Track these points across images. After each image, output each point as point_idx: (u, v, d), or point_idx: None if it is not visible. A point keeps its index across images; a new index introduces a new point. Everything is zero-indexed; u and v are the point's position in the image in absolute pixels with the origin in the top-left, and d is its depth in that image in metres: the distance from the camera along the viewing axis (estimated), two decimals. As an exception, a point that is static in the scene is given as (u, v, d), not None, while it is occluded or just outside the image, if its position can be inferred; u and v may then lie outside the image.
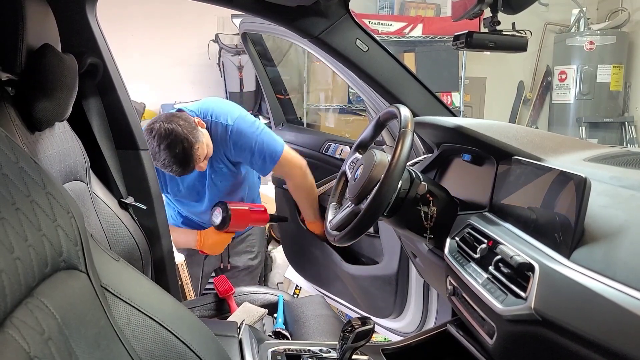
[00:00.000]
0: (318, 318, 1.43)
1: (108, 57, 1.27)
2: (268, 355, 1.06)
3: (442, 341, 1.03)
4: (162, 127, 1.42)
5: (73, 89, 1.01)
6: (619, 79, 3.50)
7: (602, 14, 3.72)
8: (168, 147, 1.41)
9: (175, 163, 1.43)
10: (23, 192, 0.51)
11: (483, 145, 0.93)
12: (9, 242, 0.45)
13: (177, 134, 1.42)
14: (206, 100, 1.66)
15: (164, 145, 1.41)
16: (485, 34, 1.02)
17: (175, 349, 0.65)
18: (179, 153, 1.42)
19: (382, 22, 3.35)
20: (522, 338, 0.65)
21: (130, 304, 0.62)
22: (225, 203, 1.62)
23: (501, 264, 0.72)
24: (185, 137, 1.42)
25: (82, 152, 1.14)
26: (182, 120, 1.45)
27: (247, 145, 1.58)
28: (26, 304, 0.46)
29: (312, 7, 1.18)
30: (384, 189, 0.89)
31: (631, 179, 0.71)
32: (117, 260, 0.68)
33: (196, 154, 1.45)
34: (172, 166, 1.44)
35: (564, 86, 3.62)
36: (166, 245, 1.43)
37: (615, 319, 0.51)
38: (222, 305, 1.53)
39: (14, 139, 0.57)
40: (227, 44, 3.60)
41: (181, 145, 1.41)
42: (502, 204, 0.85)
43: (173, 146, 1.41)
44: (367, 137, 1.14)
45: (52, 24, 1.01)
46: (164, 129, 1.42)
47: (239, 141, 1.58)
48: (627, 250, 0.57)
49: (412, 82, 1.30)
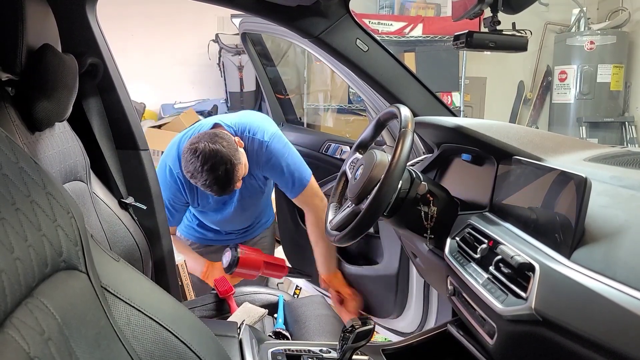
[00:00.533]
0: (318, 318, 1.43)
1: (108, 57, 1.27)
2: (268, 355, 1.06)
3: (442, 341, 1.03)
4: (207, 148, 1.41)
5: (73, 89, 1.01)
6: (619, 78, 3.50)
7: (602, 14, 3.72)
8: (212, 169, 1.40)
9: (216, 184, 1.42)
10: (23, 192, 0.51)
11: (483, 145, 0.93)
12: (9, 242, 0.45)
13: (222, 156, 1.41)
14: (244, 115, 1.66)
15: (207, 166, 1.40)
16: (486, 33, 1.02)
17: (175, 349, 0.65)
18: (221, 175, 1.41)
19: (383, 22, 3.35)
20: (523, 338, 0.65)
21: (130, 304, 0.62)
22: (237, 246, 1.58)
23: (501, 264, 0.72)
24: (229, 159, 1.42)
25: (82, 152, 1.14)
26: (225, 142, 1.44)
27: (279, 164, 1.61)
28: (26, 304, 0.46)
29: (312, 7, 1.18)
30: (384, 189, 0.89)
31: (631, 178, 0.71)
32: (117, 261, 0.68)
33: (236, 176, 1.46)
34: (212, 187, 1.43)
35: (564, 86, 3.62)
36: (166, 246, 1.43)
37: (615, 319, 0.51)
38: (222, 305, 1.53)
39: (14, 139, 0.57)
40: (227, 44, 3.61)
41: (224, 167, 1.41)
42: (502, 204, 0.85)
43: (216, 168, 1.40)
44: (367, 137, 1.14)
45: (52, 24, 1.01)
46: (208, 150, 1.40)
47: (272, 159, 1.60)
48: (628, 250, 0.57)
49: (412, 82, 1.30)
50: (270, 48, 2.31)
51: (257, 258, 1.59)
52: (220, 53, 3.67)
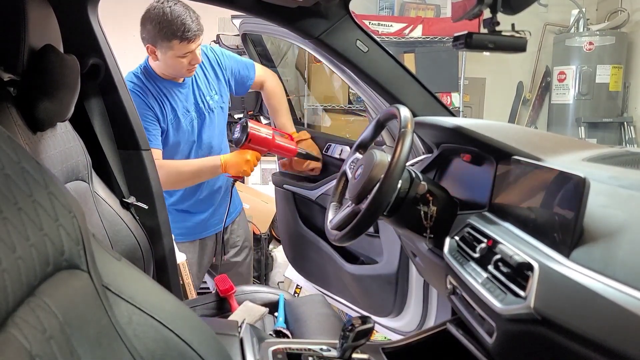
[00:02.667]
0: (318, 317, 1.43)
1: (110, 57, 1.28)
2: (269, 354, 1.06)
3: (441, 340, 1.03)
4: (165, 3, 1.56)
5: (75, 89, 1.02)
6: (618, 79, 3.50)
7: (601, 15, 3.72)
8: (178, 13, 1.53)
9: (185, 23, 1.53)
10: (25, 191, 0.51)
11: (482, 145, 0.94)
12: (11, 241, 0.45)
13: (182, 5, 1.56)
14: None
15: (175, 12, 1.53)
16: (485, 34, 1.02)
17: (176, 348, 0.65)
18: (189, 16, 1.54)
19: (382, 23, 3.35)
20: (522, 337, 0.65)
21: (131, 303, 0.63)
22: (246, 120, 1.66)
23: (501, 264, 0.72)
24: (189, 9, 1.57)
25: (84, 152, 1.15)
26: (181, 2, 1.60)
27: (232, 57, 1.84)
28: (28, 303, 0.46)
29: (312, 8, 1.19)
30: (384, 188, 0.89)
31: (630, 178, 0.72)
32: (118, 260, 0.68)
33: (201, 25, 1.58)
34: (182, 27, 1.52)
35: (563, 86, 3.62)
36: (168, 245, 1.44)
37: (614, 318, 0.52)
38: (223, 304, 1.53)
39: (16, 139, 0.57)
40: (228, 45, 3.60)
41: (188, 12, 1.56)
42: (501, 204, 0.85)
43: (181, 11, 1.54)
44: (367, 137, 1.15)
45: (54, 25, 1.02)
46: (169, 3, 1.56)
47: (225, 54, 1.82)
48: (626, 250, 0.57)
49: (412, 83, 1.30)
50: (270, 49, 2.32)
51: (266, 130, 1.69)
52: (221, 53, 3.67)
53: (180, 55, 1.57)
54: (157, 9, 1.54)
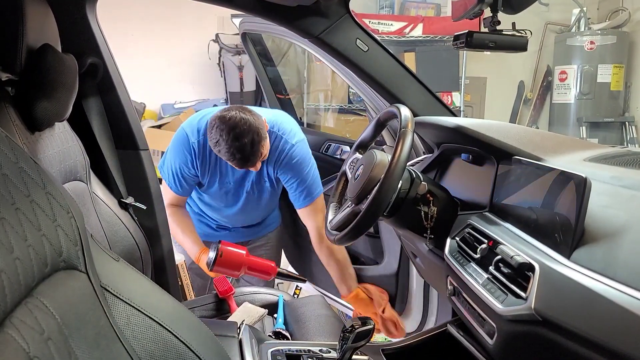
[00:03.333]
0: (318, 318, 1.43)
1: (108, 57, 1.27)
2: (268, 355, 1.06)
3: (442, 341, 1.03)
4: (237, 115, 1.42)
5: (73, 89, 1.01)
6: (619, 78, 3.50)
7: (602, 14, 3.72)
8: (239, 136, 1.40)
9: (240, 152, 1.41)
10: (23, 192, 0.51)
11: (483, 145, 0.93)
12: (9, 242, 0.45)
13: (250, 125, 1.41)
14: (277, 113, 1.66)
15: (235, 132, 1.40)
16: (486, 33, 1.02)
17: (175, 349, 0.65)
18: (247, 143, 1.40)
19: (383, 21, 3.35)
20: (523, 338, 0.65)
21: (130, 304, 0.62)
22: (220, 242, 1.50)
23: (501, 264, 0.72)
24: (257, 130, 1.42)
25: (82, 152, 1.14)
26: (255, 116, 1.46)
27: (300, 169, 1.60)
28: (26, 303, 0.46)
29: (312, 7, 1.18)
30: (384, 188, 0.89)
31: (632, 179, 0.71)
32: (117, 261, 0.68)
33: (261, 149, 1.45)
34: (236, 155, 1.42)
35: (565, 86, 3.62)
36: (166, 245, 1.43)
37: (615, 319, 0.51)
38: (222, 305, 1.52)
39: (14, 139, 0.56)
40: (227, 44, 3.60)
41: (250, 137, 1.41)
42: (502, 204, 0.85)
43: (243, 135, 1.40)
44: (367, 137, 1.14)
45: (52, 24, 1.01)
46: (239, 118, 1.41)
47: (295, 161, 1.59)
48: (628, 250, 0.57)
49: (413, 82, 1.30)
50: (270, 48, 2.31)
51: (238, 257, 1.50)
52: (221, 53, 3.67)
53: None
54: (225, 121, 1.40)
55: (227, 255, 1.48)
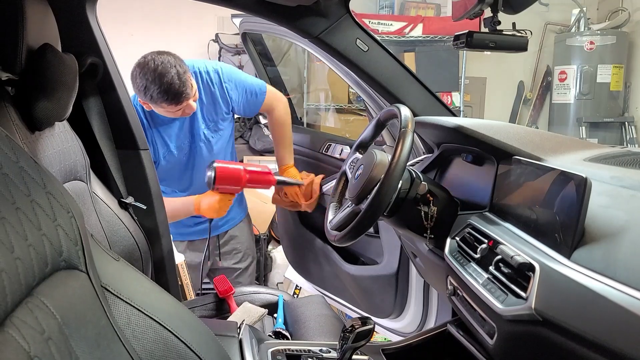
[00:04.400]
0: (318, 318, 1.43)
1: (108, 56, 1.27)
2: (268, 355, 1.06)
3: (442, 341, 1.03)
4: (153, 57, 1.46)
5: (73, 88, 1.01)
6: (619, 79, 3.50)
7: (602, 14, 3.72)
8: (162, 74, 1.43)
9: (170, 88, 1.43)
10: (23, 191, 0.51)
11: (483, 145, 0.93)
12: (9, 241, 0.45)
13: (169, 60, 1.46)
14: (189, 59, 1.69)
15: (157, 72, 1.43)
16: (486, 33, 1.02)
17: (175, 349, 0.65)
18: (174, 76, 1.43)
19: (382, 21, 3.35)
20: (523, 338, 0.65)
21: (130, 303, 0.62)
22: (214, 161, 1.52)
23: (501, 264, 0.72)
24: (177, 62, 1.47)
25: (82, 151, 1.14)
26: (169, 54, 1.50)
27: (240, 82, 1.71)
28: (26, 303, 0.46)
29: (312, 7, 1.18)
30: (384, 188, 0.89)
31: (632, 179, 0.71)
32: (117, 260, 0.68)
33: (189, 80, 1.48)
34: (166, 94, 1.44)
35: (564, 86, 3.62)
36: (166, 245, 1.43)
37: (615, 319, 0.51)
38: (222, 305, 1.53)
39: (14, 139, 0.57)
40: (227, 44, 3.60)
41: (175, 69, 1.44)
42: (502, 204, 0.85)
43: (166, 72, 1.43)
44: (367, 137, 1.14)
45: (52, 24, 1.01)
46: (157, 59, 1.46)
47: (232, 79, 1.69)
48: (628, 251, 0.57)
49: (412, 82, 1.30)
50: (270, 48, 2.31)
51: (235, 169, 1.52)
52: (220, 53, 3.66)
53: (173, 111, 1.52)
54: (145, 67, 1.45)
55: (224, 170, 1.51)
